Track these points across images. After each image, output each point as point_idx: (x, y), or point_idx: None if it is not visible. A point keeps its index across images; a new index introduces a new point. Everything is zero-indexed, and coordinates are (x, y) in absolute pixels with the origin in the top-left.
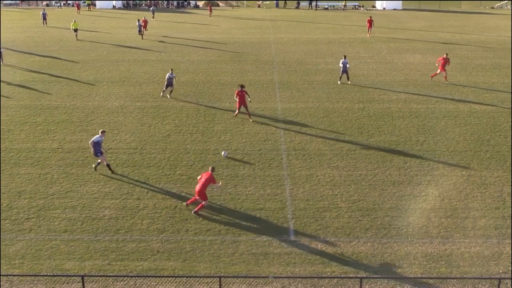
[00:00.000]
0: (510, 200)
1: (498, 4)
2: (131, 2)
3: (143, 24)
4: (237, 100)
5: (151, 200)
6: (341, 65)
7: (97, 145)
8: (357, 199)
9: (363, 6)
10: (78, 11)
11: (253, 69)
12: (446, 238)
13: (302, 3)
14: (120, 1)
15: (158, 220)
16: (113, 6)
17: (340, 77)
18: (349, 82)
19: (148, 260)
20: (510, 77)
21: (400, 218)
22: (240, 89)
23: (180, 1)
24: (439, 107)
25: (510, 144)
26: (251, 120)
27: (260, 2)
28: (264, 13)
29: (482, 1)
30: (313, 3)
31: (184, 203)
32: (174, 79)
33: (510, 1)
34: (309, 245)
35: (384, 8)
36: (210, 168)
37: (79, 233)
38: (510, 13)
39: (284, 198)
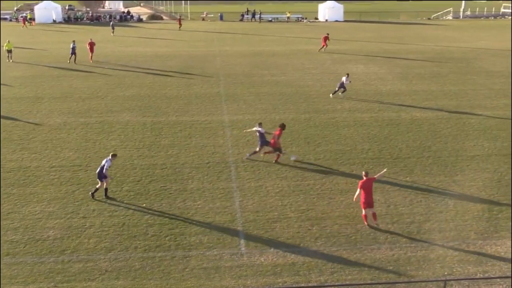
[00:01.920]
0: (452, 203)
1: (435, 15)
2: (72, 16)
3: (88, 47)
4: (272, 140)
5: (98, 218)
6: (346, 82)
7: (102, 169)
8: (306, 209)
9: (306, 18)
10: (24, 26)
11: (199, 82)
12: (393, 244)
13: (246, 16)
14: (61, 15)
15: (105, 239)
16: (54, 21)
17: (336, 91)
18: (340, 95)
19: (96, 280)
20: (448, 85)
21: (348, 225)
22: (280, 128)
23: (123, 15)
24: (382, 115)
25: (450, 149)
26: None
27: (205, 15)
28: (208, 26)
29: (419, 12)
30: (257, 16)
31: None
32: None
33: (449, 11)
34: (260, 257)
35: (326, 20)
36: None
37: (22, 255)
38: (446, 24)
39: (234, 210)
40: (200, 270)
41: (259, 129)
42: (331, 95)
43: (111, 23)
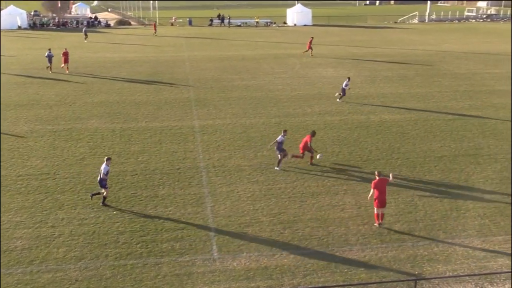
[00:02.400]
0: (421, 204)
1: (401, 18)
2: (37, 22)
3: (63, 57)
4: (301, 144)
5: (67, 227)
6: (345, 87)
7: (105, 175)
8: (278, 212)
9: (275, 23)
10: None
11: (169, 88)
12: (365, 245)
13: (215, 21)
14: (26, 21)
15: (75, 248)
16: (19, 27)
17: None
18: (338, 100)
19: None
20: (415, 87)
21: (320, 228)
22: (311, 135)
23: (90, 21)
24: (352, 118)
25: (418, 151)
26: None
27: (173, 20)
28: (177, 31)
29: (386, 16)
30: (226, 21)
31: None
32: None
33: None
34: (233, 262)
35: (295, 25)
36: (377, 173)
37: None
38: (412, 27)
39: (205, 216)
40: (172, 277)
41: (281, 138)
42: (338, 100)
43: (83, 29)
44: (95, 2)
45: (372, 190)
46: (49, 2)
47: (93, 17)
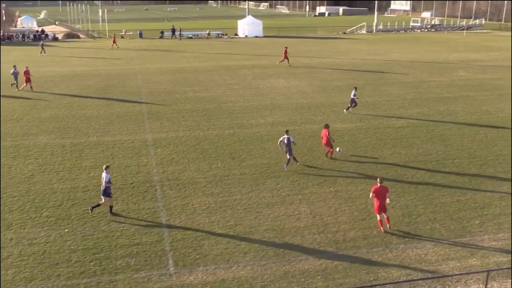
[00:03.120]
0: (373, 211)
1: (350, 29)
2: None
3: (24, 77)
4: (323, 139)
5: (16, 247)
6: (354, 97)
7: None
8: (234, 224)
9: (226, 34)
10: None
11: (120, 101)
12: (321, 253)
13: (166, 33)
14: None
15: (25, 268)
16: None
17: (350, 107)
18: (345, 111)
19: None
20: (365, 96)
21: (276, 238)
22: (326, 128)
23: (37, 34)
24: (304, 128)
25: (370, 158)
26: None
27: (124, 32)
28: (128, 43)
29: (335, 27)
30: (177, 33)
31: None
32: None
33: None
34: (189, 276)
35: (246, 36)
36: (378, 178)
37: None
38: (361, 38)
39: (160, 230)
40: None
41: (287, 136)
42: (344, 110)
43: (40, 42)
44: (42, 15)
45: (372, 194)
46: None
47: (40, 30)
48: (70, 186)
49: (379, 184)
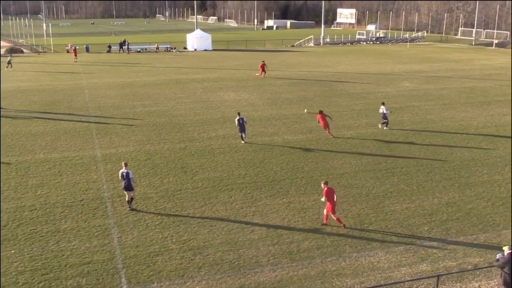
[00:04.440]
0: (327, 221)
1: (297, 42)
2: None
3: None
4: (321, 122)
5: None
6: (381, 111)
7: (128, 180)
8: (188, 239)
9: (175, 48)
10: None
11: (67, 117)
12: (275, 265)
13: (113, 47)
14: None
15: None
16: None
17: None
18: (379, 126)
19: None
20: (315, 107)
21: (231, 251)
22: (320, 113)
23: None
24: (256, 140)
25: (321, 169)
26: (331, 136)
27: (69, 47)
28: (72, 58)
29: (283, 40)
30: (125, 47)
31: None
32: None
33: (309, 39)
34: None
35: (195, 50)
36: (323, 182)
37: None
38: (309, 50)
39: (112, 247)
40: None
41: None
42: (381, 125)
43: (8, 58)
44: None
45: (324, 198)
46: None
47: None
48: (16, 206)
49: (327, 187)
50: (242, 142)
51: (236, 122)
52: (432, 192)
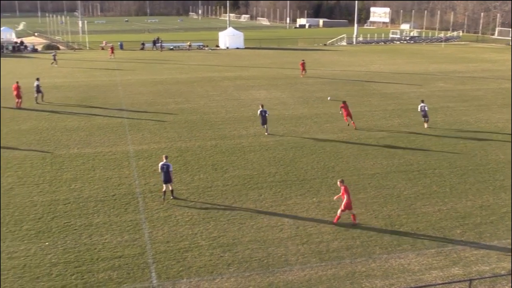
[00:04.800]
0: (357, 221)
1: (330, 41)
2: None
3: (14, 92)
4: (344, 112)
5: None
6: (419, 110)
7: (168, 172)
8: (217, 236)
9: (207, 46)
10: None
11: (101, 113)
12: (304, 264)
13: (147, 45)
14: None
15: (4, 283)
16: None
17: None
18: (425, 126)
19: None
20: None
21: (260, 250)
22: (343, 104)
23: (15, 46)
24: (287, 139)
25: (352, 169)
26: (355, 127)
27: (104, 44)
28: (108, 55)
29: (316, 38)
30: (158, 44)
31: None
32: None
33: (343, 37)
34: None
35: (227, 48)
36: (339, 181)
37: None
38: (341, 49)
39: (143, 242)
40: None
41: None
42: (426, 125)
43: (53, 53)
44: (21, 26)
45: (345, 196)
46: None
47: (18, 41)
48: (51, 199)
49: (344, 185)
50: (266, 133)
51: (259, 113)
52: (465, 194)
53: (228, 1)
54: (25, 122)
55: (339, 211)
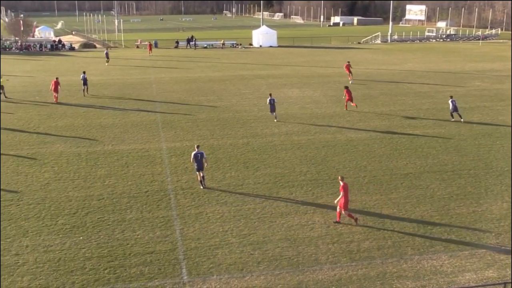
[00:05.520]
0: (389, 221)
1: (364, 39)
2: None
3: (53, 87)
4: (347, 96)
5: (31, 254)
6: (450, 103)
7: (201, 161)
8: (248, 233)
9: (240, 44)
10: None
11: (135, 110)
12: (335, 264)
13: (181, 43)
14: None
15: (40, 276)
16: None
17: (452, 114)
18: (462, 120)
19: None
20: (380, 106)
21: (290, 248)
22: (346, 89)
23: (54, 44)
24: (318, 137)
25: (385, 168)
26: (357, 108)
27: (139, 42)
28: (143, 53)
29: (349, 36)
30: (192, 43)
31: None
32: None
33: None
34: (203, 285)
35: (260, 46)
36: (340, 178)
37: None
38: (375, 48)
39: (174, 239)
40: None
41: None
42: (462, 120)
43: (105, 51)
44: (59, 25)
45: (341, 193)
46: (12, 26)
47: (57, 40)
48: (85, 194)
49: (343, 182)
50: (275, 120)
51: (268, 101)
52: (501, 196)
53: (262, 0)
54: (61, 119)
55: (337, 208)
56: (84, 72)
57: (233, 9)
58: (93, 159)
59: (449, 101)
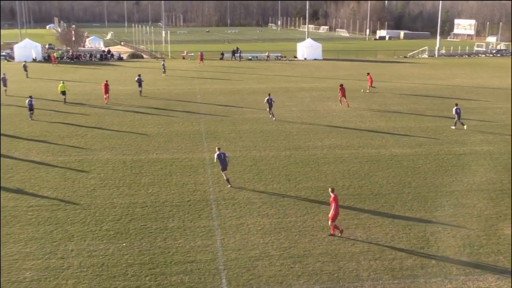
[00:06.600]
0: (433, 239)
1: (411, 53)
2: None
3: (103, 88)
4: (340, 94)
5: (76, 258)
6: (454, 111)
7: (225, 161)
8: (288, 246)
9: (285, 57)
10: (53, 63)
11: (180, 120)
12: (376, 280)
13: (226, 55)
14: (41, 54)
15: (84, 280)
16: (33, 59)
17: (456, 123)
18: (465, 127)
19: None
20: (426, 121)
21: (331, 263)
22: (341, 86)
23: (103, 54)
24: (362, 152)
25: (430, 185)
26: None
27: (185, 53)
28: (188, 64)
29: (395, 50)
30: (237, 54)
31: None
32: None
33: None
34: None
35: (305, 59)
36: (331, 190)
37: None
38: (422, 62)
39: (215, 249)
40: None
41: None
42: (465, 126)
43: (162, 63)
44: (109, 36)
45: (334, 205)
46: (64, 36)
47: (106, 50)
48: (129, 202)
49: (334, 194)
50: (273, 119)
51: (265, 101)
52: None
53: (307, 12)
54: (108, 127)
55: (329, 222)
56: (139, 75)
57: (279, 21)
58: (137, 167)
59: (454, 109)
